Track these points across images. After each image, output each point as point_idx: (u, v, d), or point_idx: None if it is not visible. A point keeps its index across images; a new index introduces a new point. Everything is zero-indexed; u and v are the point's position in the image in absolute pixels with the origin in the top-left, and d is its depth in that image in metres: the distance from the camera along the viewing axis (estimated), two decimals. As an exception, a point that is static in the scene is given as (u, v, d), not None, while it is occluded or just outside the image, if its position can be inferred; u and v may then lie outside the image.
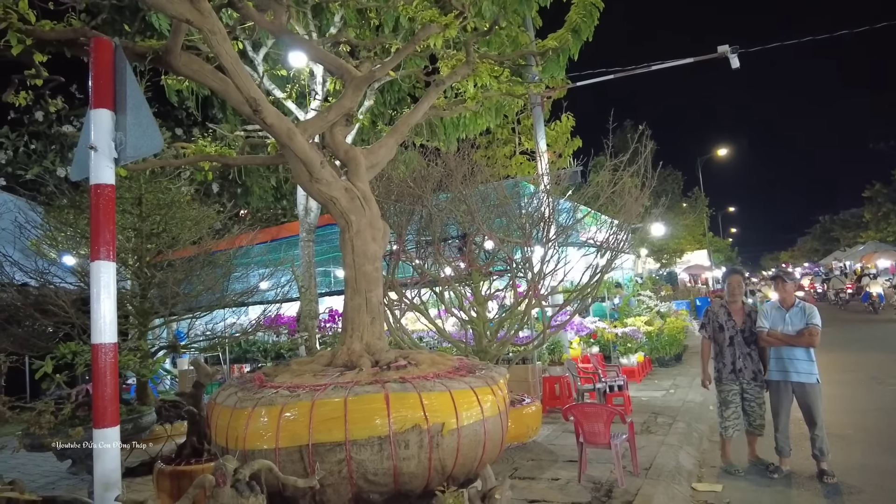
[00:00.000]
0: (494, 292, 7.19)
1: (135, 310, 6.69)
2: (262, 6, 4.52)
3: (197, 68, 3.59)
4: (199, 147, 5.20)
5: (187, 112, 15.41)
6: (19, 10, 3.38)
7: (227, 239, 8.53)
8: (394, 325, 6.71)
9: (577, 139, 16.04)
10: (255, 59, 8.35)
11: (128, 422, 4.90)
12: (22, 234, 6.70)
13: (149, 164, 5.25)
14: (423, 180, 6.93)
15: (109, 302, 2.53)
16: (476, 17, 7.68)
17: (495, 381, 3.58)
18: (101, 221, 2.56)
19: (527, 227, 6.72)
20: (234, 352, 11.26)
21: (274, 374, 3.77)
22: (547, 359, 8.67)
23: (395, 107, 11.15)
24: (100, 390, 2.39)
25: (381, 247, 4.10)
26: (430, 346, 9.23)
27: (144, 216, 6.66)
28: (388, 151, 4.50)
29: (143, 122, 2.65)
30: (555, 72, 9.26)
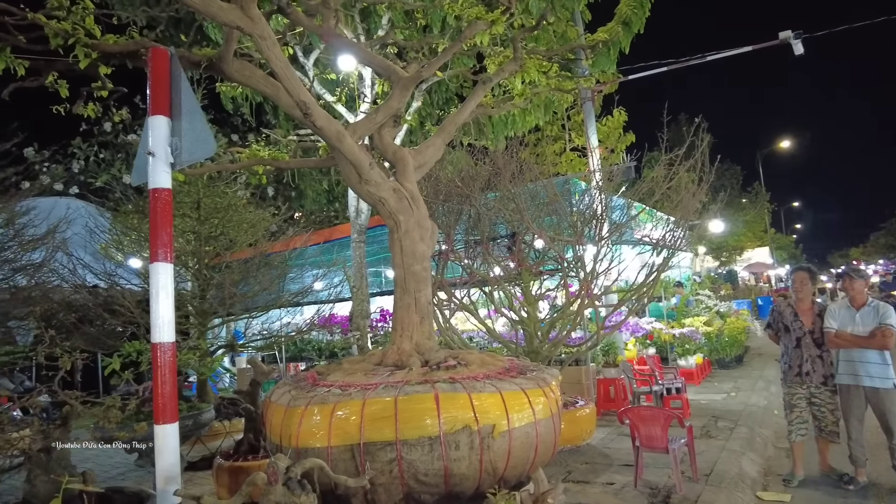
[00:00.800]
0: (545, 292, 7.07)
1: (194, 310, 6.95)
2: (310, 11, 4.60)
3: (249, 74, 3.68)
4: (253, 151, 5.33)
5: (242, 118, 15.92)
6: (86, 26, 3.56)
7: (281, 241, 8.77)
8: (443, 325, 6.70)
9: (629, 134, 15.64)
10: (305, 64, 8.53)
11: (188, 418, 5.08)
12: (92, 239, 7.09)
13: (206, 169, 5.44)
14: (471, 179, 6.90)
15: (167, 302, 2.61)
16: (523, 13, 7.59)
17: (547, 383, 3.50)
18: (158, 224, 2.65)
19: (578, 225, 6.57)
20: (290, 350, 11.55)
21: (326, 372, 3.82)
22: (601, 360, 8.47)
23: (442, 107, 11.17)
24: (159, 388, 2.48)
25: (430, 246, 4.09)
26: (481, 346, 9.19)
27: (203, 219, 6.92)
28: (436, 151, 4.49)
29: (197, 128, 2.73)
30: (605, 66, 9.05)
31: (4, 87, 3.66)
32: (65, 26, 3.39)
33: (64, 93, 3.95)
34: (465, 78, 10.32)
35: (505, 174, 6.64)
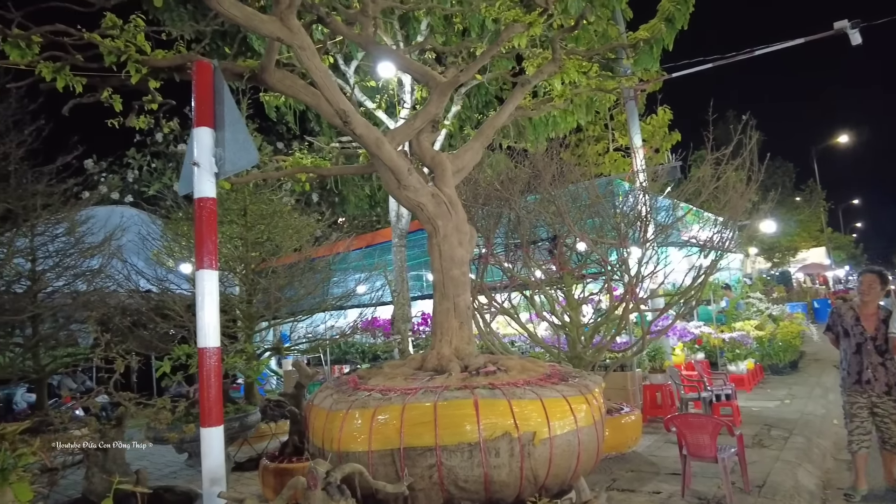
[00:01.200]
0: (589, 296, 6.95)
1: (242, 314, 7.14)
2: (350, 20, 4.67)
3: (290, 84, 3.76)
4: (296, 160, 5.46)
5: (287, 127, 16.31)
6: (137, 43, 3.71)
7: (325, 246, 8.93)
8: (484, 330, 6.66)
9: (675, 133, 15.24)
10: (346, 72, 8.67)
11: (235, 420, 5.22)
12: (145, 246, 7.39)
13: (251, 177, 5.58)
14: (510, 182, 6.85)
15: (213, 308, 2.69)
16: (562, 13, 7.50)
17: (589, 390, 3.44)
18: (203, 232, 2.73)
19: (622, 227, 6.44)
20: (335, 353, 11.73)
21: (368, 376, 3.85)
22: (647, 366, 8.26)
23: (482, 110, 11.16)
24: (205, 391, 2.55)
25: (469, 251, 4.08)
26: (523, 350, 9.11)
27: (249, 226, 7.11)
28: (474, 155, 4.48)
29: (239, 138, 2.80)
30: (648, 64, 8.83)
31: (65, 104, 3.86)
32: (118, 44, 3.55)
33: (118, 107, 4.13)
34: (504, 80, 10.28)
35: (545, 176, 6.56)
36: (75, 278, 6.82)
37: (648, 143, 14.29)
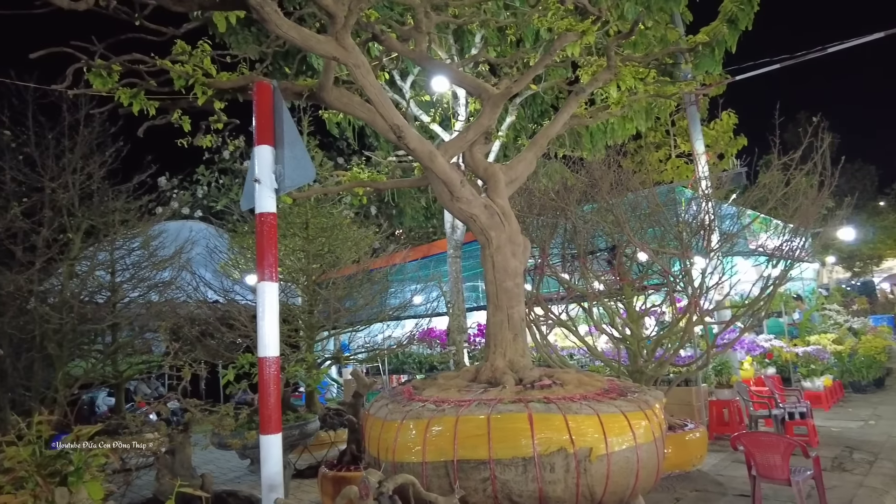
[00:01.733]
0: (651, 308, 6.74)
1: (304, 323, 7.35)
2: (404, 36, 4.76)
3: (347, 101, 3.87)
4: (354, 174, 5.58)
5: (346, 142, 16.76)
6: (204, 67, 3.92)
7: (382, 257, 9.09)
8: (540, 342, 6.57)
9: (741, 137, 14.63)
10: (402, 87, 8.83)
11: (294, 428, 5.36)
12: (212, 258, 7.75)
13: (312, 192, 5.77)
14: (566, 192, 6.75)
15: (272, 319, 2.78)
16: (618, 19, 7.37)
17: (649, 406, 3.33)
18: (264, 246, 2.84)
19: (684, 236, 6.22)
20: (392, 363, 11.87)
21: (422, 387, 3.88)
22: (713, 380, 7.91)
23: (537, 120, 11.08)
24: (264, 399, 2.64)
25: (522, 262, 4.05)
26: (582, 364, 8.92)
27: (311, 239, 7.34)
28: (528, 166, 4.45)
29: (297, 155, 2.91)
30: (710, 67, 8.55)
31: (140, 126, 4.13)
32: (186, 69, 3.76)
33: (187, 127, 4.38)
34: (560, 89, 10.18)
35: (603, 185, 6.43)
36: (149, 289, 7.23)
37: (712, 148, 13.77)
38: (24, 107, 6.63)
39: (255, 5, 2.84)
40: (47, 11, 3.00)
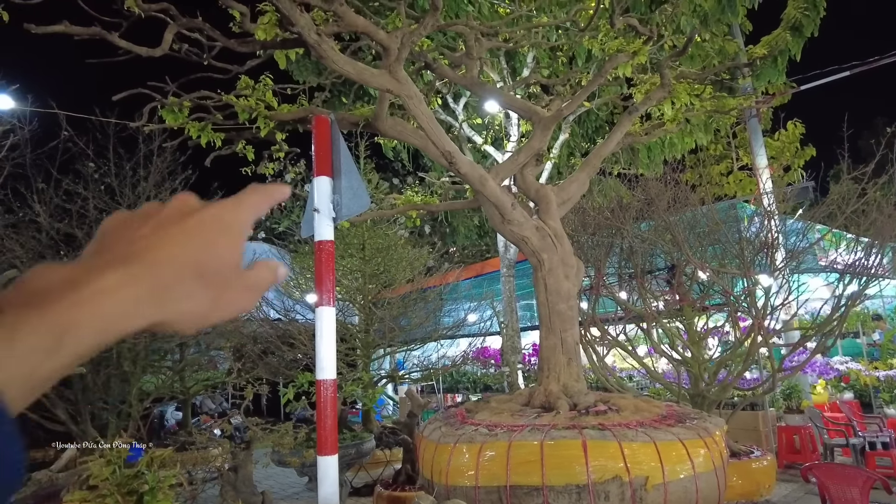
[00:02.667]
0: (713, 329, 6.49)
1: (360, 342, 7.52)
2: (455, 63, 4.87)
3: (400, 129, 4.00)
4: (408, 197, 5.72)
5: (402, 164, 17.11)
6: (266, 100, 4.15)
7: (436, 276, 9.19)
8: (597, 364, 6.45)
9: (808, 148, 13.94)
10: (455, 109, 8.97)
11: (351, 447, 5.46)
12: (274, 279, 8.05)
13: (369, 215, 5.93)
14: (621, 210, 6.65)
15: (329, 343, 2.88)
16: (674, 34, 7.26)
17: (709, 433, 3.22)
18: (322, 272, 2.95)
19: (746, 254, 5.98)
20: (447, 382, 11.90)
21: (475, 410, 3.89)
22: (782, 405, 7.51)
23: (591, 137, 10.97)
24: (322, 421, 2.72)
25: (576, 284, 4.02)
26: (641, 386, 8.67)
27: (367, 259, 7.52)
28: (580, 186, 4.44)
29: (353, 185, 3.02)
30: (773, 77, 8.25)
31: (207, 157, 4.40)
32: (250, 103, 3.99)
33: (250, 156, 4.63)
34: (614, 105, 10.06)
35: (659, 203, 6.29)
36: (216, 309, 7.56)
37: (777, 160, 13.20)
38: (105, 141, 7.17)
39: (312, 44, 2.99)
40: (129, 58, 3.26)
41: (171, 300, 0.38)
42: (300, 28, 3.08)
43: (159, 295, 0.37)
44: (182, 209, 0.41)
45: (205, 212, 0.41)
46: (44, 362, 0.33)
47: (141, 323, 0.37)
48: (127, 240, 0.39)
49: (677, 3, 6.78)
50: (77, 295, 0.35)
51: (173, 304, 0.38)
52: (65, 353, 0.34)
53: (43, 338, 0.33)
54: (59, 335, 0.34)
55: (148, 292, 0.37)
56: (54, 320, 0.34)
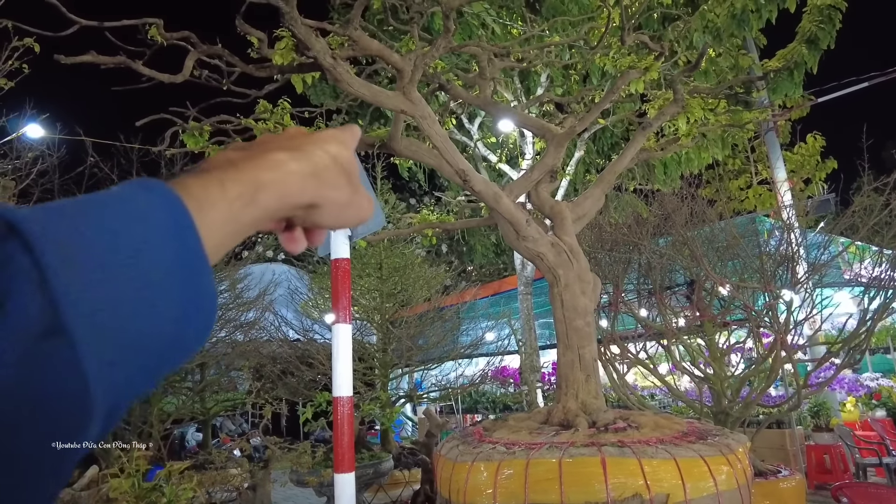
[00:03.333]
0: (735, 345, 6.38)
1: (378, 362, 7.53)
2: (469, 83, 4.94)
3: (415, 149, 4.06)
4: (424, 216, 5.77)
5: (418, 184, 17.27)
6: (284, 123, 4.25)
7: (453, 295, 9.20)
8: (617, 382, 6.37)
9: (829, 161, 13.77)
10: (470, 129, 9.05)
11: (369, 467, 5.44)
12: (293, 299, 8.13)
13: (386, 234, 5.99)
14: (638, 225, 6.61)
15: (346, 360, 2.89)
16: (687, 49, 7.28)
17: (732, 450, 3.15)
18: (339, 290, 2.99)
19: (766, 268, 5.90)
20: (466, 402, 11.81)
21: (493, 428, 3.86)
22: (810, 423, 7.32)
23: (607, 154, 10.97)
24: (338, 439, 2.73)
25: (592, 300, 4.00)
26: (663, 404, 8.53)
27: (384, 278, 7.57)
28: (595, 202, 4.43)
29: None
30: (789, 90, 8.19)
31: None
32: (268, 126, 4.09)
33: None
34: (629, 121, 10.07)
35: (677, 218, 6.25)
36: (235, 330, 7.66)
37: (797, 173, 13.05)
38: (129, 165, 7.37)
39: (328, 68, 3.07)
40: (151, 84, 3.38)
41: (326, 183, 0.44)
42: (316, 53, 3.16)
43: (319, 175, 0.43)
44: (301, 131, 0.48)
45: (324, 130, 0.48)
46: (242, 211, 0.38)
47: (306, 198, 0.43)
48: (272, 140, 0.45)
49: (689, 19, 6.81)
50: (261, 161, 0.41)
51: (327, 188, 0.44)
52: (256, 208, 0.39)
53: (245, 187, 0.39)
54: (254, 189, 0.39)
55: (311, 170, 0.43)
56: (249, 176, 0.39)
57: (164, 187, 0.35)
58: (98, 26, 3.23)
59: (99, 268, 0.29)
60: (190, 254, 0.34)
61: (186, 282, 0.33)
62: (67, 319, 0.28)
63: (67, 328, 0.27)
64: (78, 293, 0.28)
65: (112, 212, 0.32)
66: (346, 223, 0.48)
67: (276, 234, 0.48)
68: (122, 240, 0.31)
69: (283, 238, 0.48)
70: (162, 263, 0.32)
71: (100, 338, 0.29)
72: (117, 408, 0.31)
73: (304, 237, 0.48)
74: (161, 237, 0.33)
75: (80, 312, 0.28)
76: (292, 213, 0.44)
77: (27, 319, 0.27)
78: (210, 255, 0.36)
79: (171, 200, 0.34)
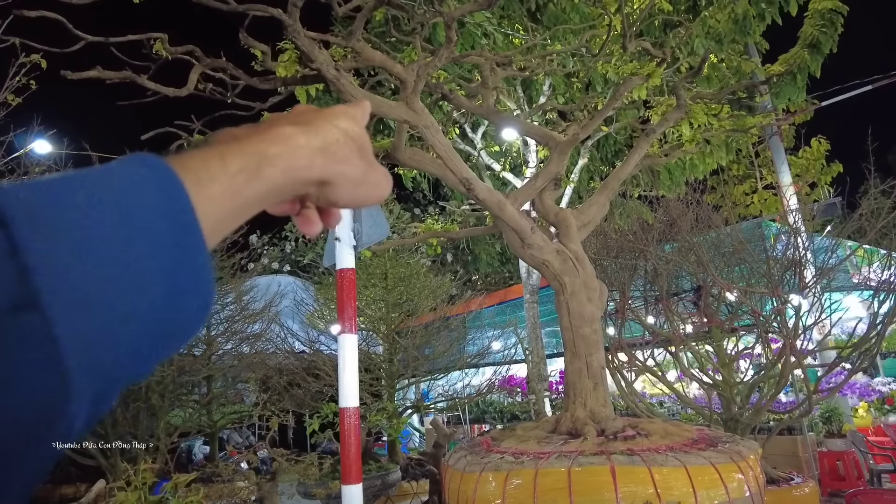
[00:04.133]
0: (743, 350, 6.33)
1: (384, 372, 7.50)
2: (472, 93, 4.96)
3: (419, 159, 4.07)
4: (428, 226, 5.77)
5: (422, 193, 17.30)
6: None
7: (459, 304, 9.17)
8: (625, 390, 6.32)
9: (835, 164, 13.73)
10: (474, 139, 9.07)
11: (376, 478, 5.41)
12: (299, 310, 8.13)
13: (391, 244, 5.99)
14: (643, 232, 6.59)
15: (352, 370, 2.89)
16: (689, 56, 7.28)
17: (743, 457, 3.11)
18: (344, 300, 2.99)
19: (774, 273, 5.86)
20: (473, 412, 11.74)
21: (501, 438, 3.84)
22: (822, 429, 7.23)
23: (611, 161, 10.97)
24: (345, 450, 2.72)
25: (599, 307, 3.98)
26: (672, 412, 8.46)
27: (390, 288, 7.56)
28: (600, 209, 4.43)
29: (373, 213, 3.07)
30: (792, 95, 8.19)
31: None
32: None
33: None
34: (633, 128, 10.08)
35: (682, 224, 6.23)
36: (241, 342, 7.65)
37: (802, 177, 13.01)
38: (135, 179, 7.40)
39: (331, 79, 3.08)
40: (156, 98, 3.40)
41: (336, 158, 0.43)
42: (319, 64, 3.18)
43: (329, 149, 0.42)
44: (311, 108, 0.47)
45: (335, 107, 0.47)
46: (245, 184, 0.37)
47: (315, 173, 0.42)
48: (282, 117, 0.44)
49: (691, 25, 6.82)
50: (266, 135, 0.40)
51: (338, 163, 0.43)
52: (261, 182, 0.38)
53: (248, 160, 0.38)
54: (257, 161, 0.38)
55: (320, 145, 0.42)
56: (253, 148, 0.39)
57: (160, 161, 0.34)
58: (104, 42, 3.26)
59: (78, 240, 0.28)
60: (183, 228, 0.33)
61: (179, 258, 0.32)
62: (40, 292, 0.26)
63: (40, 301, 0.26)
64: (53, 265, 0.27)
65: (99, 185, 0.31)
66: (363, 200, 0.47)
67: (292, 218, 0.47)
68: (106, 213, 0.30)
69: (298, 220, 0.47)
70: (151, 238, 0.31)
71: (78, 312, 0.27)
72: (106, 393, 0.29)
73: (319, 218, 0.47)
74: (151, 211, 0.32)
75: (54, 285, 0.27)
76: (303, 189, 0.43)
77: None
78: (213, 231, 0.35)
79: (164, 173, 0.33)
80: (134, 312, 0.30)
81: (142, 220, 0.31)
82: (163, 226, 0.32)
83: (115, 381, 0.30)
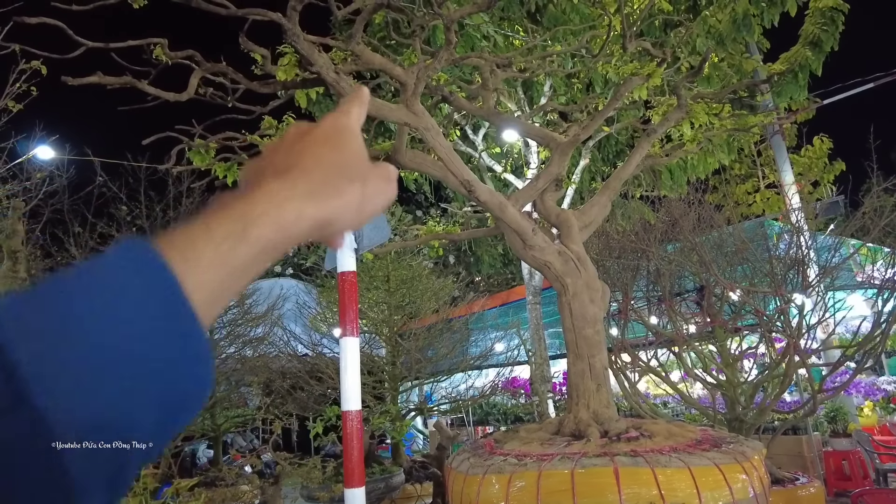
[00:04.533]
0: (747, 350, 6.31)
1: (387, 375, 7.49)
2: (472, 94, 4.96)
3: (420, 161, 4.07)
4: (430, 228, 5.77)
5: (424, 196, 17.30)
6: (289, 138, 4.27)
7: (461, 306, 9.16)
8: (629, 390, 6.31)
9: (837, 163, 13.69)
10: (475, 140, 9.07)
11: (380, 481, 5.40)
12: (302, 313, 8.13)
13: (393, 246, 5.99)
14: (646, 232, 6.58)
15: (354, 373, 2.88)
16: (690, 55, 7.27)
17: (747, 458, 3.10)
18: (346, 303, 2.98)
19: (777, 272, 5.85)
20: (477, 414, 11.73)
21: (504, 440, 3.83)
22: (827, 429, 7.20)
23: (612, 161, 10.96)
24: (348, 453, 2.71)
25: (601, 308, 3.97)
26: (676, 413, 8.43)
27: (392, 291, 7.55)
28: (601, 210, 4.42)
29: (374, 216, 3.07)
30: (794, 93, 8.17)
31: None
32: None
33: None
34: (634, 129, 10.07)
35: (684, 224, 6.22)
36: (244, 345, 7.66)
37: (805, 176, 12.97)
38: (137, 184, 7.43)
39: (331, 82, 3.09)
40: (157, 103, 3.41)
41: (325, 197, 0.43)
42: (319, 68, 3.18)
43: (315, 194, 0.42)
44: (300, 131, 0.47)
45: (321, 124, 0.48)
46: (233, 250, 0.37)
47: (308, 223, 0.42)
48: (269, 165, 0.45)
49: (691, 25, 6.81)
50: (252, 196, 0.40)
51: (329, 200, 0.43)
52: (250, 244, 0.38)
53: (232, 225, 0.38)
54: (243, 225, 0.38)
55: (305, 193, 0.42)
56: (238, 213, 0.39)
57: (146, 248, 0.34)
58: (104, 47, 3.27)
59: (64, 337, 0.29)
60: (171, 307, 0.33)
61: (170, 334, 0.33)
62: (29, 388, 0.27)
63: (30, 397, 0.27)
64: (40, 363, 0.28)
65: (83, 283, 0.31)
66: (371, 215, 0.48)
67: None
68: (92, 309, 0.30)
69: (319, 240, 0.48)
70: (141, 326, 0.32)
71: (72, 405, 0.28)
72: (121, 475, 0.30)
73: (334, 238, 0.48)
74: (138, 301, 0.32)
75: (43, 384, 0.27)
76: (302, 238, 0.43)
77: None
78: (213, 299, 0.36)
79: (148, 256, 0.34)
80: (132, 400, 0.30)
81: (129, 306, 0.32)
82: (153, 313, 0.32)
83: (127, 464, 0.30)
